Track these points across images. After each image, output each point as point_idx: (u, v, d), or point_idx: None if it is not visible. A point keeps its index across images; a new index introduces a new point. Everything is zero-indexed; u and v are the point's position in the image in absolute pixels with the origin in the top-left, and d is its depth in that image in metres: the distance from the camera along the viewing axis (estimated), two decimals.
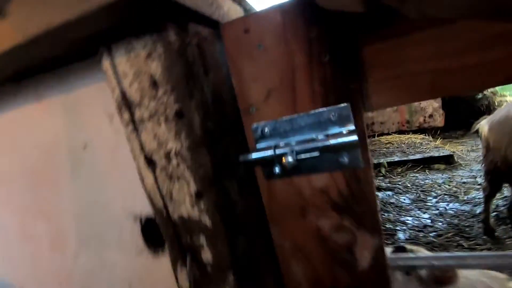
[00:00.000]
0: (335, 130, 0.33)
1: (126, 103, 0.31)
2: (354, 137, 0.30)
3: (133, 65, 0.29)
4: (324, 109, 0.33)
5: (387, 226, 2.32)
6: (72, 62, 0.35)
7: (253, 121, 0.36)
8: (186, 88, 0.29)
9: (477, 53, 0.28)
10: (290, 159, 0.31)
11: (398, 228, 2.29)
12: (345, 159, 0.33)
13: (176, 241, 0.33)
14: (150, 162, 0.32)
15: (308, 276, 0.39)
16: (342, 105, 0.32)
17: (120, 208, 0.38)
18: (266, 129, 0.35)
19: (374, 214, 0.34)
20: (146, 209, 0.36)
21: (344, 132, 0.32)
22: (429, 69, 0.29)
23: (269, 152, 0.34)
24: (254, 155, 0.34)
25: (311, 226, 0.37)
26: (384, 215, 2.48)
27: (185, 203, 0.32)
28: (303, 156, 0.34)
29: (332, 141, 0.31)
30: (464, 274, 0.53)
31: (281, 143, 0.34)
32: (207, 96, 0.30)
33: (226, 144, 0.33)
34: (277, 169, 0.36)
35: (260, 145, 0.36)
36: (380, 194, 2.87)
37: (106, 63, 0.30)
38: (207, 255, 0.32)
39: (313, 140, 0.33)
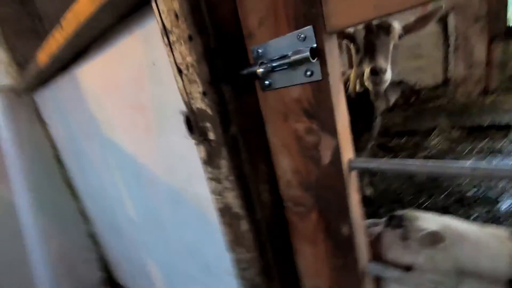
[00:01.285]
0: (301, 48, 0.41)
1: (165, 31, 0.48)
2: (307, 53, 0.39)
3: (166, 4, 0.45)
4: (295, 32, 0.41)
5: None
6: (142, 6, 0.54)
7: (251, 44, 0.48)
8: (193, 19, 0.43)
9: None
10: (261, 70, 0.43)
11: None
12: (308, 73, 0.42)
13: (196, 127, 0.52)
14: (179, 71, 0.49)
15: (290, 166, 0.51)
16: (307, 27, 0.40)
17: (175, 105, 0.58)
18: (260, 51, 0.47)
19: (333, 119, 0.42)
20: (184, 106, 0.55)
21: (306, 49, 0.40)
22: None
23: (255, 68, 0.46)
24: (245, 71, 0.47)
25: (291, 128, 0.48)
26: None
27: (198, 99, 0.48)
28: (278, 69, 0.44)
29: (293, 57, 0.40)
30: (462, 231, 0.50)
31: (266, 61, 0.46)
32: (207, 25, 0.44)
33: (226, 59, 0.47)
34: (267, 82, 0.48)
35: (255, 61, 0.48)
36: None
37: (153, 5, 0.47)
38: (211, 135, 0.50)
39: (285, 56, 0.43)
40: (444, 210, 1.79)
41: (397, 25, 1.37)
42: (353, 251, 0.48)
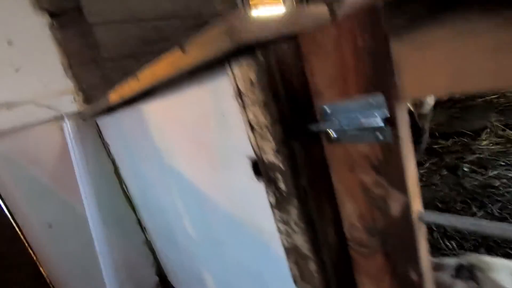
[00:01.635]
0: (372, 114, 0.44)
1: (239, 93, 0.53)
2: (381, 123, 0.42)
3: (241, 71, 0.50)
4: (366, 96, 0.44)
5: None
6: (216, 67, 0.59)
7: (319, 102, 0.51)
8: (268, 88, 0.48)
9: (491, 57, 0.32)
10: (334, 134, 0.46)
11: None
12: (380, 136, 0.45)
13: (266, 174, 0.57)
14: (252, 128, 0.54)
15: (355, 211, 0.55)
16: (378, 95, 0.43)
17: (242, 150, 0.64)
18: (328, 109, 0.50)
19: (402, 177, 0.45)
20: (253, 154, 0.60)
21: (378, 117, 0.43)
22: (446, 71, 0.36)
23: (325, 127, 0.49)
24: (315, 127, 0.51)
25: (357, 179, 0.51)
26: None
27: (270, 154, 0.53)
28: (348, 131, 0.48)
29: (365, 123, 0.44)
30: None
31: (335, 119, 0.49)
32: (280, 92, 0.48)
33: (296, 118, 0.51)
34: (334, 136, 0.51)
35: (324, 119, 0.51)
36: None
37: (228, 69, 0.53)
38: (281, 185, 0.54)
39: (355, 120, 0.46)
40: (501, 220, 1.69)
41: None
42: None
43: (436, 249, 1.63)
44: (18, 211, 1.42)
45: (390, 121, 0.43)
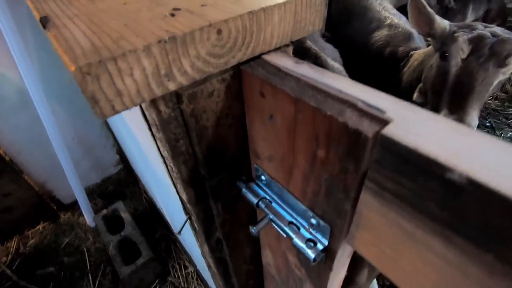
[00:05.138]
0: (309, 230, 0.31)
1: (146, 119, 0.35)
2: (312, 256, 0.29)
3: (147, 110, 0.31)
4: (309, 211, 0.30)
5: None
6: None
7: (256, 163, 0.35)
8: (175, 147, 0.30)
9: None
10: (253, 230, 0.34)
11: None
12: (311, 254, 0.33)
13: (184, 208, 0.46)
14: (165, 164, 0.39)
15: (273, 262, 0.49)
16: (323, 223, 0.29)
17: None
18: (263, 177, 0.35)
19: (322, 287, 0.37)
20: None
21: (313, 242, 0.30)
22: (419, 283, 0.22)
23: (254, 200, 0.36)
24: (244, 191, 0.37)
25: (281, 248, 0.43)
26: None
27: (184, 196, 0.41)
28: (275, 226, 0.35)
29: (296, 243, 0.31)
30: None
31: (267, 200, 0.35)
32: (197, 153, 0.31)
33: (220, 178, 0.36)
34: (263, 206, 0.38)
35: (257, 181, 0.37)
36: None
37: None
38: (196, 225, 0.45)
39: (288, 222, 0.33)
40: None
41: None
42: None
43: None
44: None
45: (327, 252, 0.31)
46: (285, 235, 0.34)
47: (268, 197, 0.35)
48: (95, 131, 1.71)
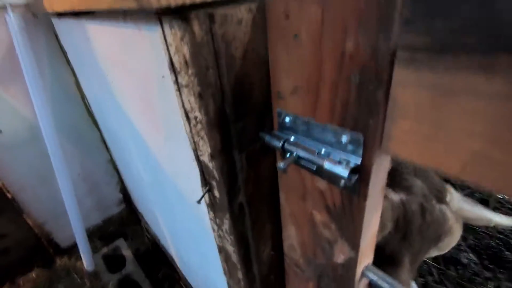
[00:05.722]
0: (340, 154, 0.31)
1: (173, 68, 0.37)
2: (345, 173, 0.29)
3: (174, 40, 0.33)
4: (339, 128, 0.30)
5: None
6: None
7: (279, 106, 0.36)
8: (206, 77, 0.32)
9: None
10: (281, 165, 0.33)
11: None
12: (342, 183, 0.32)
13: (203, 174, 0.45)
14: (187, 117, 0.40)
15: (297, 237, 0.46)
16: (356, 133, 0.28)
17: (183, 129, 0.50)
18: (287, 119, 0.36)
19: (356, 234, 0.35)
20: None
21: (345, 162, 0.29)
22: (469, 148, 0.21)
23: (279, 143, 0.36)
24: (267, 138, 0.37)
25: (307, 209, 0.41)
26: None
27: (205, 156, 0.40)
28: (303, 163, 0.34)
29: (327, 166, 0.30)
30: None
31: (292, 139, 0.35)
32: (225, 86, 0.33)
33: (245, 123, 0.37)
34: (290, 155, 0.38)
35: (280, 129, 0.37)
36: None
37: (159, 34, 0.35)
38: (216, 193, 0.43)
39: (316, 153, 0.32)
40: None
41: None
42: None
43: None
44: None
45: (361, 173, 0.30)
46: (314, 168, 0.34)
47: (293, 138, 0.36)
48: (101, 168, 1.71)
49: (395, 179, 0.52)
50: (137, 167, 1.11)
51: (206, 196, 0.48)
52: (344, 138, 0.30)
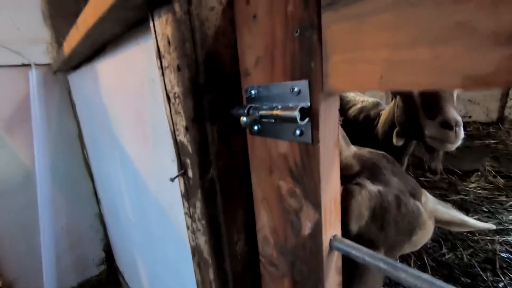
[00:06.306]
0: (293, 103, 0.35)
1: (159, 54, 0.44)
2: (295, 113, 0.33)
3: (161, 27, 0.41)
4: (289, 82, 0.35)
5: None
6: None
7: (246, 83, 0.42)
8: (183, 49, 0.39)
9: (429, 46, 0.23)
10: (245, 119, 0.37)
11: None
12: (297, 132, 0.36)
13: (179, 158, 0.48)
14: (168, 98, 0.45)
15: (269, 223, 0.46)
16: (302, 81, 0.34)
17: (166, 124, 0.54)
18: (253, 92, 0.41)
19: (318, 191, 0.36)
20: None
21: (296, 107, 0.34)
22: (380, 58, 0.27)
23: (244, 110, 0.40)
24: (235, 110, 0.42)
25: (274, 184, 0.42)
26: None
27: (181, 132, 0.44)
28: (265, 121, 0.39)
29: (282, 113, 0.34)
30: None
31: (255, 105, 0.40)
32: (199, 58, 0.39)
33: (216, 96, 0.42)
34: (255, 128, 0.42)
35: (248, 103, 0.42)
36: None
37: (151, 24, 0.44)
38: (190, 173, 0.45)
39: (274, 106, 0.37)
40: (468, 267, 1.61)
41: None
42: None
43: None
44: None
45: (311, 114, 0.34)
46: (273, 120, 0.38)
47: (256, 105, 0.40)
48: (87, 221, 1.66)
49: (374, 173, 0.55)
50: (125, 208, 1.10)
51: (182, 187, 0.50)
52: (295, 89, 0.35)
